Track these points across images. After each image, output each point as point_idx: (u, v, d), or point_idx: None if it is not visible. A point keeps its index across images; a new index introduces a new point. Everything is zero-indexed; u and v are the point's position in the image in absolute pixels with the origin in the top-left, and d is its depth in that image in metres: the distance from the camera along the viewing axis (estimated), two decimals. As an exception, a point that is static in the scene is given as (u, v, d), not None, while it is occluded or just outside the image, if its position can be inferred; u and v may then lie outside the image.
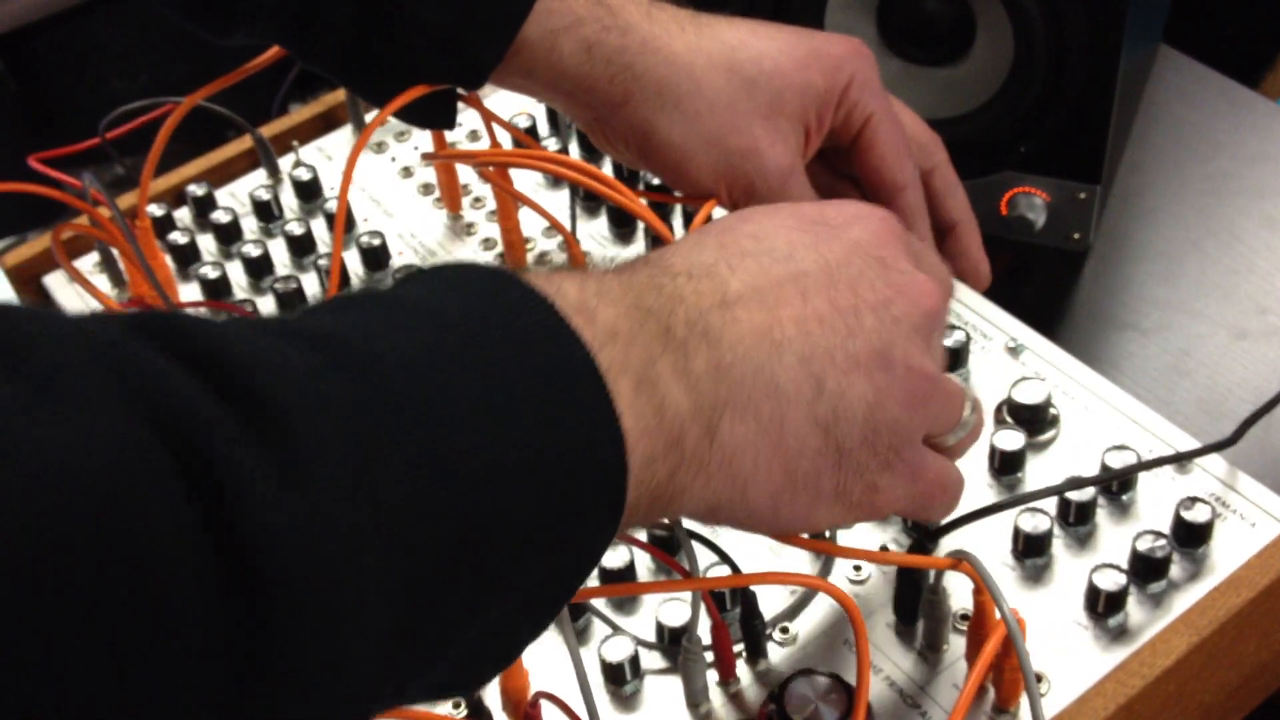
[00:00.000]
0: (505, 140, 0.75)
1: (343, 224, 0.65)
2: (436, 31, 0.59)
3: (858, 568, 0.57)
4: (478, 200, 0.76)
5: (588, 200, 0.75)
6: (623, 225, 0.74)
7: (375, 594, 0.32)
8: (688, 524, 0.52)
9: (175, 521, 0.29)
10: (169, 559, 0.29)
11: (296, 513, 0.31)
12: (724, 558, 0.55)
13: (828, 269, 0.45)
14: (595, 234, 0.74)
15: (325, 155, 0.81)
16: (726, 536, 0.56)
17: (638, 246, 0.73)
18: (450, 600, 0.35)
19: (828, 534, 0.56)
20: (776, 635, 0.55)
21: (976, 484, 0.59)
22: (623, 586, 0.57)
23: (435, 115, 0.65)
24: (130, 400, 0.30)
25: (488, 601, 0.36)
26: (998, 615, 0.48)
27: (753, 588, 0.54)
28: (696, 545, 0.55)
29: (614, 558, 0.57)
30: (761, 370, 0.42)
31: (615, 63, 0.60)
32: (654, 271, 0.43)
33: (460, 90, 0.64)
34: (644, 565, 0.58)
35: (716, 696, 0.54)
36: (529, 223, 0.74)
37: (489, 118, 0.67)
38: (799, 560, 0.57)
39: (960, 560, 0.49)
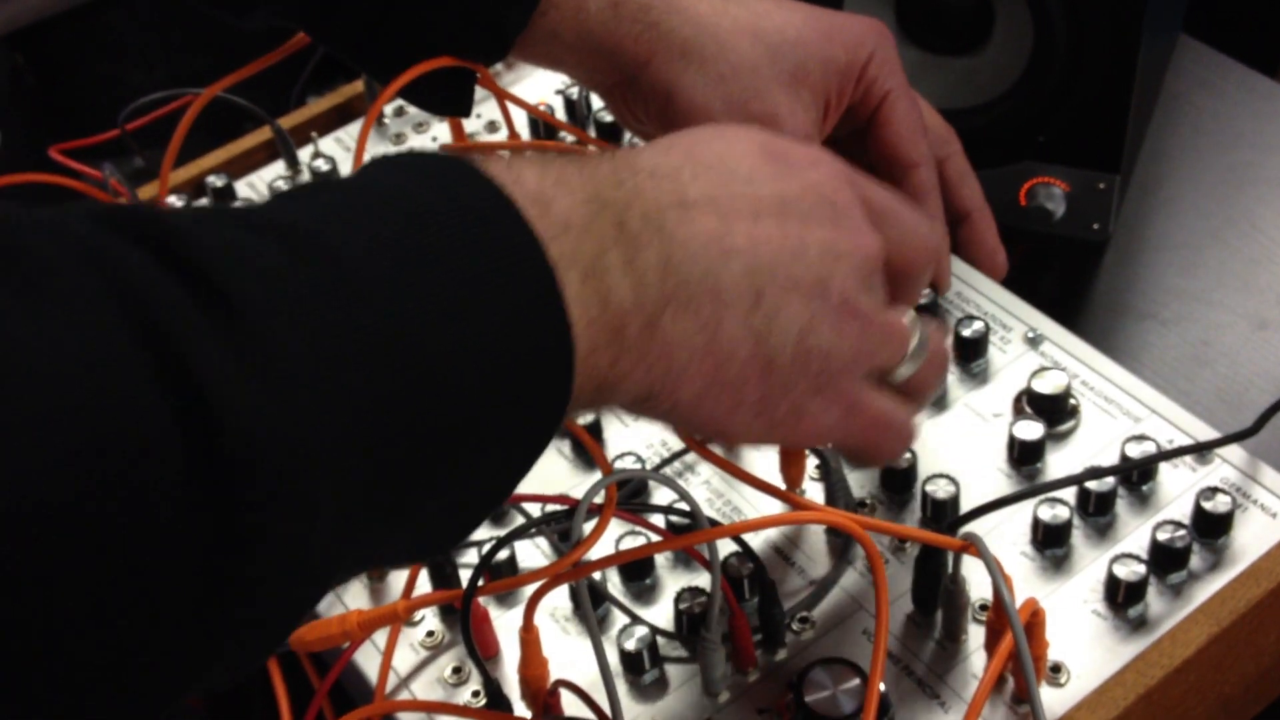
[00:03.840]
0: (521, 125, 0.76)
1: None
2: None
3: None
4: (496, 191, 0.76)
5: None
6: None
7: (339, 478, 0.34)
8: (708, 512, 0.52)
9: (154, 417, 0.31)
10: (147, 452, 0.31)
11: (265, 405, 0.33)
12: (743, 546, 0.55)
13: (782, 199, 0.46)
14: (613, 225, 0.74)
15: (344, 146, 0.81)
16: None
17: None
18: (408, 480, 0.37)
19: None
20: (795, 625, 0.55)
21: (995, 474, 0.59)
22: (637, 550, 0.57)
23: (452, 100, 0.65)
24: (110, 301, 0.32)
25: (443, 480, 0.38)
26: (1003, 596, 0.48)
27: (772, 578, 0.54)
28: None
29: (629, 541, 0.57)
30: (708, 273, 0.43)
31: (641, 21, 0.60)
32: (617, 165, 0.44)
33: (476, 74, 0.65)
34: (660, 560, 0.58)
35: (734, 686, 0.54)
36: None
37: (503, 97, 0.67)
38: (814, 557, 0.57)
39: (969, 544, 0.49)
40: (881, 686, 0.50)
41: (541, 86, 0.82)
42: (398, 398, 0.36)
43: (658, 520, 0.56)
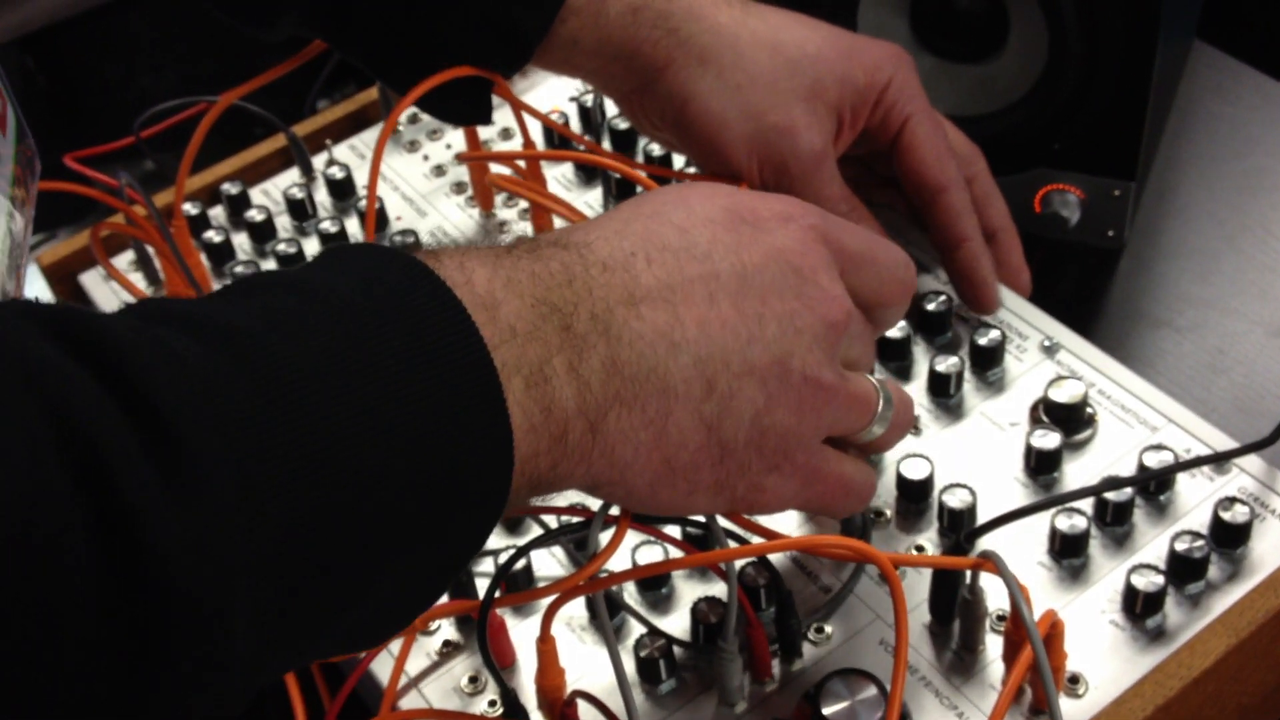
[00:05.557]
0: (536, 133, 0.76)
1: (373, 214, 0.65)
2: (481, 7, 0.60)
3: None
4: (510, 199, 0.76)
5: (621, 199, 0.75)
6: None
7: (261, 597, 0.34)
8: (723, 522, 0.52)
9: (71, 534, 0.31)
10: (64, 574, 0.31)
11: (183, 531, 0.32)
12: (763, 561, 0.55)
13: (742, 274, 0.45)
14: (627, 232, 0.74)
15: (358, 154, 0.81)
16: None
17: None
18: (334, 592, 0.37)
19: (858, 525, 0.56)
20: (811, 635, 0.55)
21: (1012, 483, 0.59)
22: (662, 564, 0.57)
23: (469, 110, 0.65)
24: (37, 415, 0.31)
25: (371, 589, 0.38)
26: (1023, 614, 0.47)
27: (789, 587, 0.54)
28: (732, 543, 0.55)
29: (647, 555, 0.57)
30: (655, 369, 0.43)
31: (660, 26, 0.60)
32: (570, 260, 0.43)
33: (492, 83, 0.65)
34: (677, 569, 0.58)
35: (751, 696, 0.54)
36: (562, 221, 0.74)
37: (519, 107, 0.67)
38: (830, 566, 0.57)
39: (985, 560, 0.49)
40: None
41: (556, 93, 0.82)
42: (328, 514, 0.35)
43: (673, 530, 0.56)
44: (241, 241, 0.77)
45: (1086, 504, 0.56)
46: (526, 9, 0.60)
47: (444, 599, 0.57)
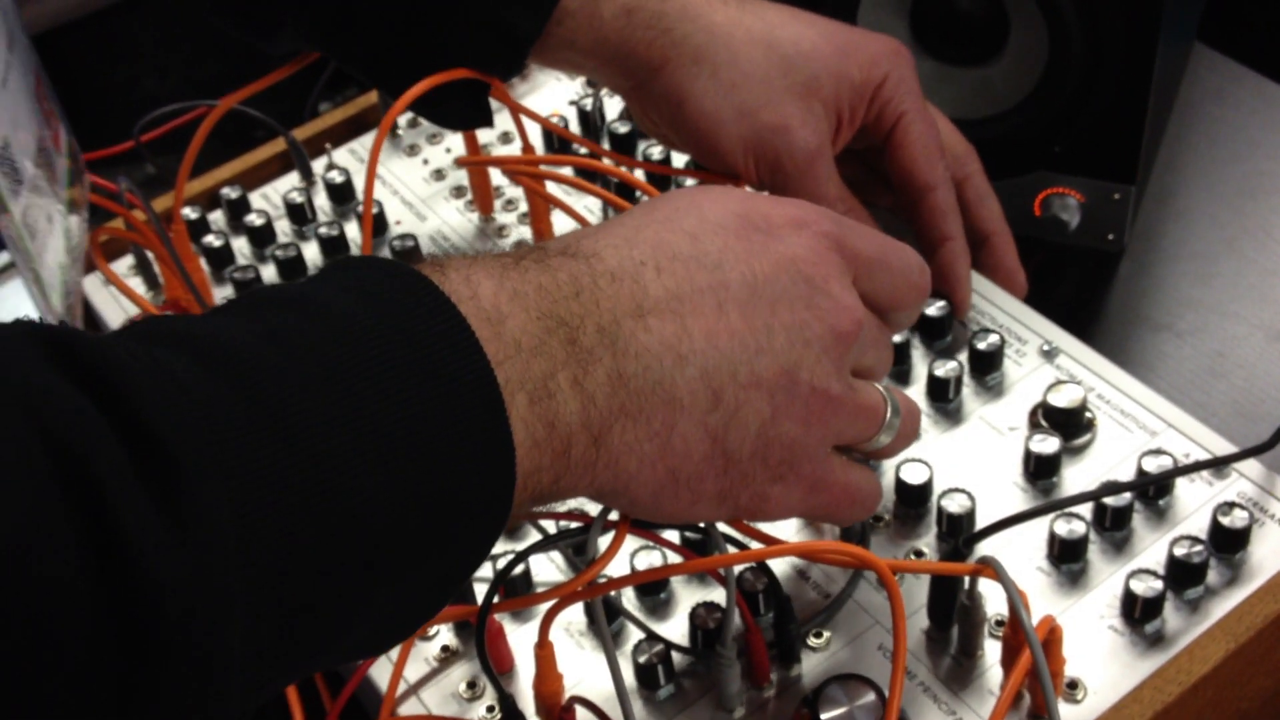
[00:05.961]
0: (535, 137, 0.76)
1: (370, 219, 0.65)
2: (478, 12, 0.60)
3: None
4: (510, 203, 0.76)
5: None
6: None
7: (253, 622, 0.34)
8: (722, 528, 0.52)
9: (67, 566, 0.30)
10: (59, 602, 0.30)
11: (179, 559, 0.32)
12: (761, 566, 0.55)
13: (752, 284, 0.45)
14: (627, 236, 0.74)
15: (358, 158, 0.81)
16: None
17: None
18: (327, 616, 0.37)
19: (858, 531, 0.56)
20: (810, 640, 0.55)
21: (1011, 488, 0.59)
22: (663, 570, 0.57)
23: (468, 114, 0.65)
24: (34, 441, 0.31)
25: (366, 610, 0.38)
26: (1022, 619, 0.47)
27: (787, 592, 0.54)
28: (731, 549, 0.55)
29: (645, 560, 0.57)
30: (661, 382, 0.43)
31: (654, 27, 0.60)
32: (578, 270, 0.43)
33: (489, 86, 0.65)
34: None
35: (749, 701, 0.54)
36: (561, 225, 0.74)
37: (518, 110, 0.67)
38: (829, 571, 0.57)
39: (984, 565, 0.49)
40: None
41: (555, 97, 0.82)
42: (326, 537, 0.35)
43: (672, 536, 0.56)
44: (241, 246, 0.77)
45: (1085, 509, 0.56)
46: (522, 11, 0.60)
47: (442, 604, 0.57)
